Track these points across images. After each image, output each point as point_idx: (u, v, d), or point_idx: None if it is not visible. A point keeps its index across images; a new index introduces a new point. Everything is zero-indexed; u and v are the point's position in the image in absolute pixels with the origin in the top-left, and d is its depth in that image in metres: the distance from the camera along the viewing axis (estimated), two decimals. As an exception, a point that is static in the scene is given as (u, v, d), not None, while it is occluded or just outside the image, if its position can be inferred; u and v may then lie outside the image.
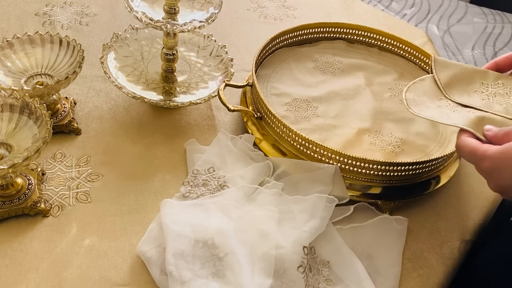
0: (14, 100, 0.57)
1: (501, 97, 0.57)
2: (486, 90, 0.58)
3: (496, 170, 0.44)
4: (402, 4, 1.37)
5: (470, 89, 0.58)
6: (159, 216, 0.57)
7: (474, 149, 0.46)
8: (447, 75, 0.59)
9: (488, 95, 0.57)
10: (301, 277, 0.52)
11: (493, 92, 0.57)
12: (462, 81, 0.59)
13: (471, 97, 0.58)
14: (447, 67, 0.60)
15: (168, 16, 0.67)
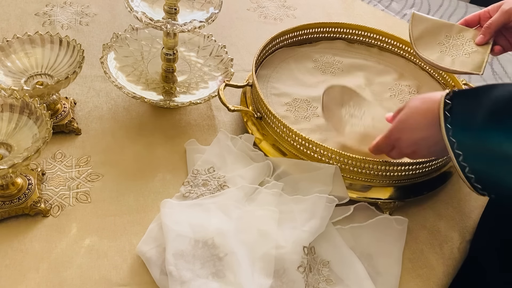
0: (14, 100, 0.57)
1: (455, 49, 0.67)
2: (447, 42, 0.68)
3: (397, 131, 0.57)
4: (402, 4, 1.37)
5: (434, 41, 0.68)
6: (159, 216, 0.57)
7: (381, 138, 0.59)
8: (419, 29, 0.68)
9: (447, 47, 0.67)
10: (301, 277, 0.52)
11: (452, 43, 0.67)
12: (431, 34, 0.68)
13: (433, 49, 0.67)
14: (423, 22, 0.69)
15: (168, 16, 0.67)
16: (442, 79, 0.82)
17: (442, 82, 0.82)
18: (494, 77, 1.20)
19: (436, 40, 0.68)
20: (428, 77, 0.84)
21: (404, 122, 0.56)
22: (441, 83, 0.82)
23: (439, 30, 0.69)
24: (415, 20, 0.68)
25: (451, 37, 0.68)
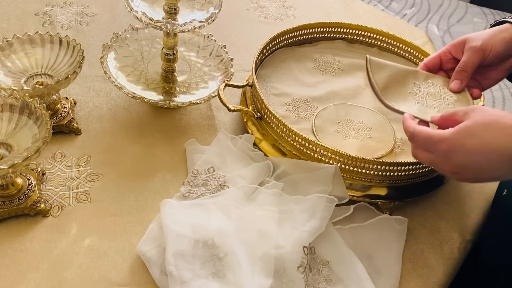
0: (14, 100, 0.57)
1: (433, 98, 0.59)
2: (419, 91, 0.60)
3: (452, 150, 0.47)
4: (402, 4, 1.37)
5: (405, 91, 0.60)
6: (159, 216, 0.57)
7: (429, 134, 0.49)
8: (383, 77, 0.61)
9: (421, 96, 0.60)
10: (301, 277, 0.52)
11: (425, 92, 0.60)
12: (397, 82, 0.61)
13: (407, 100, 0.59)
14: (383, 68, 0.61)
15: (168, 16, 0.67)
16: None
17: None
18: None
19: (406, 89, 0.60)
20: (428, 77, 0.83)
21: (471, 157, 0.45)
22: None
23: (405, 78, 0.61)
24: (373, 67, 0.61)
25: (420, 85, 0.60)
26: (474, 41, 0.57)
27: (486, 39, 0.56)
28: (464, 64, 0.58)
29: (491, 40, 0.56)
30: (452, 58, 0.61)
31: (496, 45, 0.56)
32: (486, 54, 0.57)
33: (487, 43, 0.56)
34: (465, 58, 0.57)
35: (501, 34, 0.56)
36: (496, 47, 0.56)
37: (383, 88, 0.60)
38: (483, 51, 0.56)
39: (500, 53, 0.56)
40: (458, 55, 0.59)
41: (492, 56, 0.57)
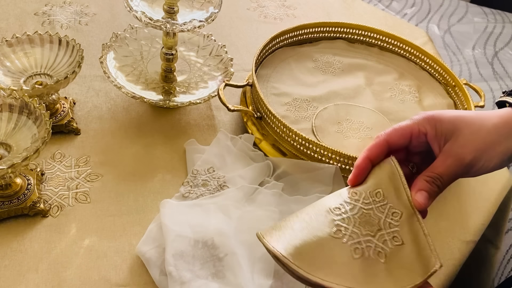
0: (13, 100, 0.57)
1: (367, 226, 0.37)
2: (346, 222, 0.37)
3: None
4: (402, 4, 1.37)
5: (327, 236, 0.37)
6: (159, 217, 0.56)
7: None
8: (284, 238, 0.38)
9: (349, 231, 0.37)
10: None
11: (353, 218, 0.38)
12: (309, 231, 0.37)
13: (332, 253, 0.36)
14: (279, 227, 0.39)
15: (168, 16, 0.67)
16: (443, 78, 0.82)
17: (443, 82, 0.82)
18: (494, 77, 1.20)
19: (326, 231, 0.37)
20: (428, 76, 0.83)
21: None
22: (442, 83, 0.82)
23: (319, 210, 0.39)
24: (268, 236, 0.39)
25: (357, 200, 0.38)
26: (466, 145, 0.38)
27: (482, 151, 0.38)
28: (440, 178, 0.39)
29: (487, 154, 0.39)
30: (425, 142, 0.41)
31: (493, 162, 0.39)
32: (472, 170, 0.40)
33: (480, 158, 0.39)
34: (444, 170, 0.39)
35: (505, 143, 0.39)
36: (490, 165, 0.39)
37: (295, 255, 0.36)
38: (468, 168, 0.39)
39: (495, 168, 0.40)
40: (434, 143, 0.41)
41: (479, 172, 0.40)
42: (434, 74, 0.83)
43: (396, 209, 0.38)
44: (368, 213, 0.37)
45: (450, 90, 0.80)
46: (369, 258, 0.35)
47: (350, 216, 0.37)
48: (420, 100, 0.79)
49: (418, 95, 0.80)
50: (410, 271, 0.35)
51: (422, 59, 0.84)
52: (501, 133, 0.39)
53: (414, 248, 0.36)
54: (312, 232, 0.36)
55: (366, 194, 0.38)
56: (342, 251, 0.35)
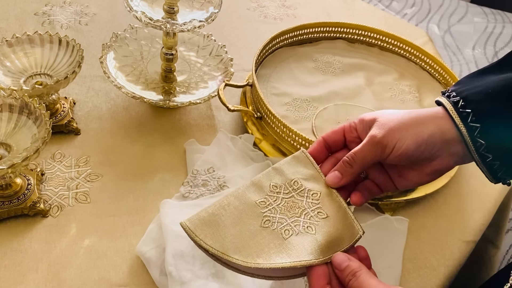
0: (13, 100, 0.57)
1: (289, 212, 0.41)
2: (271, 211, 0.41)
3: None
4: (402, 4, 1.37)
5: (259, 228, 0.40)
6: (159, 217, 0.56)
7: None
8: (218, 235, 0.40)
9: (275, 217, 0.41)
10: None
11: (280, 202, 0.42)
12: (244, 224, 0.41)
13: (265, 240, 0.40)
14: (211, 222, 0.41)
15: (168, 16, 0.66)
16: (443, 78, 0.82)
17: (443, 82, 0.82)
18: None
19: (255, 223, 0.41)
20: (428, 76, 0.83)
21: None
22: (442, 83, 0.82)
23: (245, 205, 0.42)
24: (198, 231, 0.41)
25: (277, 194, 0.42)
26: (380, 127, 0.41)
27: (394, 130, 0.40)
28: (353, 156, 0.42)
29: (399, 133, 0.40)
30: (357, 137, 0.44)
31: (405, 143, 0.40)
32: (387, 152, 0.41)
33: (392, 137, 0.40)
34: (357, 149, 0.42)
35: (419, 127, 0.40)
36: (402, 145, 0.40)
37: (232, 249, 0.39)
38: (382, 147, 0.41)
39: (409, 153, 0.40)
40: (363, 135, 0.43)
41: (395, 155, 0.41)
42: (434, 74, 0.83)
43: (314, 191, 0.42)
44: (290, 200, 0.41)
45: (450, 90, 0.80)
46: (300, 234, 0.40)
47: (275, 207, 0.41)
48: (420, 100, 0.79)
49: (418, 95, 0.80)
50: (338, 239, 0.40)
51: (422, 59, 0.84)
52: (415, 119, 0.41)
53: (338, 218, 0.41)
54: (244, 227, 0.40)
55: (285, 185, 0.42)
56: (273, 236, 0.40)
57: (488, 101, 0.39)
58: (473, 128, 0.39)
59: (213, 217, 0.41)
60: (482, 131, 0.39)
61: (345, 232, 0.41)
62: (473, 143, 0.40)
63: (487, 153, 0.40)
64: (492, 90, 0.39)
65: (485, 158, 0.40)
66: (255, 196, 0.42)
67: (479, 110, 0.39)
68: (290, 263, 0.38)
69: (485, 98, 0.39)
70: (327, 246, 0.40)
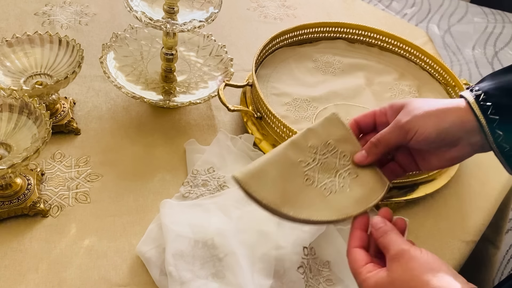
0: (13, 100, 0.57)
1: (327, 173, 0.46)
2: (312, 170, 0.46)
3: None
4: (402, 4, 1.37)
5: (302, 184, 0.45)
6: (159, 217, 0.56)
7: (356, 270, 0.42)
8: (272, 188, 0.44)
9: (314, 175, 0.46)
10: (301, 278, 0.52)
11: (320, 162, 0.47)
12: (289, 180, 0.45)
13: (312, 197, 0.45)
14: (262, 177, 0.45)
15: (168, 16, 0.67)
16: (443, 78, 0.82)
17: (443, 82, 0.82)
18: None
19: (300, 181, 0.45)
20: (428, 77, 0.83)
21: None
22: (442, 83, 0.82)
23: (290, 166, 0.46)
24: (251, 183, 0.44)
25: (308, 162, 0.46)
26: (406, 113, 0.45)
27: (418, 117, 0.44)
28: (379, 138, 0.47)
29: (422, 120, 0.44)
30: (386, 122, 0.48)
31: (427, 130, 0.44)
32: (409, 136, 0.45)
33: (415, 123, 0.44)
34: (383, 132, 0.46)
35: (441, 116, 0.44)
36: (424, 131, 0.44)
37: (283, 202, 0.44)
38: (405, 131, 0.45)
39: (430, 139, 0.44)
40: (391, 120, 0.47)
41: (418, 140, 0.45)
42: (434, 74, 0.83)
43: (345, 152, 0.47)
44: (325, 161, 0.47)
45: (450, 90, 0.80)
46: (337, 193, 0.45)
47: (314, 167, 0.46)
48: (420, 100, 0.79)
49: (418, 95, 0.80)
50: (371, 192, 0.46)
51: (422, 59, 0.84)
52: (439, 109, 0.45)
53: (367, 176, 0.47)
54: (291, 183, 0.45)
55: (321, 146, 0.47)
56: (316, 193, 0.45)
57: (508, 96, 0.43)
58: (492, 120, 0.43)
59: (262, 172, 0.45)
60: (501, 123, 0.42)
61: (376, 186, 0.46)
62: (492, 134, 0.43)
63: (505, 143, 0.43)
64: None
65: (503, 149, 0.43)
66: (296, 155, 0.46)
67: (499, 104, 0.43)
68: (334, 218, 0.44)
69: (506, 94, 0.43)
70: (361, 200, 0.45)
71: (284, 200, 0.44)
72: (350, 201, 0.45)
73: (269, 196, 0.44)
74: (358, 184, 0.46)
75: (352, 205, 0.45)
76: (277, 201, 0.43)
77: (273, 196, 0.44)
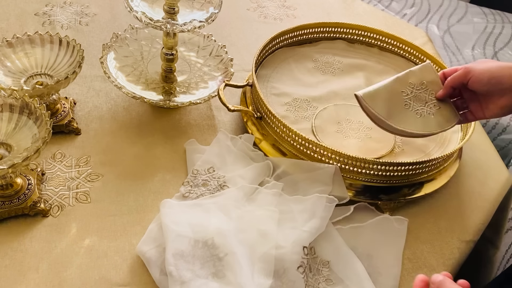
0: (14, 100, 0.57)
1: (419, 102, 0.63)
2: (410, 99, 0.63)
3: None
4: (402, 4, 1.37)
5: (402, 108, 0.62)
6: (159, 216, 0.56)
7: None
8: (382, 105, 0.62)
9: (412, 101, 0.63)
10: (301, 277, 0.52)
11: (415, 94, 0.63)
12: (393, 102, 0.62)
13: (409, 118, 0.62)
14: (375, 97, 0.62)
15: (168, 16, 0.67)
16: (442, 79, 0.82)
17: (442, 82, 0.82)
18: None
19: (402, 104, 0.62)
20: (428, 77, 0.84)
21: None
22: (441, 83, 0.82)
23: (396, 93, 0.63)
24: (368, 101, 0.61)
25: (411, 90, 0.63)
26: (473, 63, 0.59)
27: (480, 66, 0.57)
28: (451, 77, 0.61)
29: (480, 67, 0.57)
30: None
31: (481, 73, 0.57)
32: (467, 77, 0.58)
33: (475, 68, 0.57)
34: (454, 74, 0.60)
35: (498, 70, 0.56)
36: (477, 75, 0.57)
37: (388, 116, 0.61)
38: (465, 73, 0.58)
39: (483, 82, 0.57)
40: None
41: (473, 81, 0.57)
42: (434, 74, 0.83)
43: (433, 91, 0.64)
44: (419, 94, 0.63)
45: (450, 90, 0.80)
46: (425, 116, 0.62)
47: (411, 96, 0.63)
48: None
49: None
50: (447, 120, 0.62)
51: (422, 60, 0.84)
52: (499, 65, 0.57)
53: (446, 110, 0.63)
54: (395, 104, 0.62)
55: (417, 84, 0.64)
56: (410, 115, 0.62)
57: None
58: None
59: (376, 94, 0.62)
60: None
61: (450, 117, 0.63)
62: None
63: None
64: None
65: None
66: (400, 87, 0.63)
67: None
68: (421, 132, 0.62)
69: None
70: (441, 124, 0.62)
71: (389, 115, 0.61)
72: (433, 123, 0.62)
73: (379, 110, 0.61)
74: (439, 114, 0.62)
75: (434, 126, 0.62)
76: (384, 115, 0.61)
77: (381, 110, 0.61)
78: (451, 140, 0.71)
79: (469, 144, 0.75)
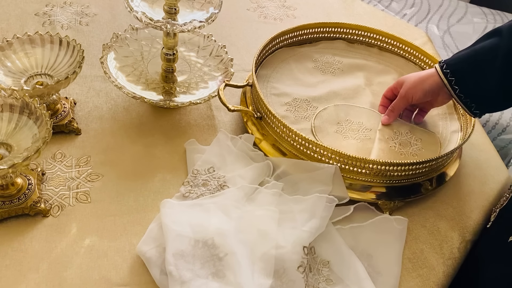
0: (14, 100, 0.57)
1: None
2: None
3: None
4: (402, 4, 1.37)
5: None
6: (159, 216, 0.57)
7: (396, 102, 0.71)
8: None
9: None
10: (301, 277, 0.52)
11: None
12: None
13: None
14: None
15: (168, 16, 0.67)
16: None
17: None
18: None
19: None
20: (428, 77, 0.84)
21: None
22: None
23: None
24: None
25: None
26: (404, 87, 0.69)
27: (411, 88, 0.68)
28: (393, 106, 0.71)
29: (414, 89, 0.68)
30: (393, 96, 0.73)
31: (417, 94, 0.68)
32: (409, 100, 0.69)
33: (409, 92, 0.69)
34: (394, 102, 0.71)
35: (423, 84, 0.67)
36: (416, 96, 0.68)
37: None
38: (406, 99, 0.69)
39: (422, 98, 0.68)
40: (399, 91, 0.71)
41: (415, 101, 0.69)
42: (434, 74, 0.83)
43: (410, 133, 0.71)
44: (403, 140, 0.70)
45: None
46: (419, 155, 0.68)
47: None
48: (419, 100, 0.79)
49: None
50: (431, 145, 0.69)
51: (422, 60, 0.84)
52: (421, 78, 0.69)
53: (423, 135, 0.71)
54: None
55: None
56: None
57: (460, 63, 0.65)
58: (450, 80, 0.65)
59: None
60: (456, 82, 0.65)
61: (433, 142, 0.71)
62: (452, 89, 0.65)
63: (460, 93, 0.65)
64: (463, 57, 0.65)
65: (460, 98, 0.65)
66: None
67: (453, 70, 0.65)
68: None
69: (459, 62, 0.65)
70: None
71: None
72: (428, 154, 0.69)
73: None
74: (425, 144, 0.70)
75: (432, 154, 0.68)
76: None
77: None
78: (451, 140, 0.71)
79: (469, 144, 0.75)
